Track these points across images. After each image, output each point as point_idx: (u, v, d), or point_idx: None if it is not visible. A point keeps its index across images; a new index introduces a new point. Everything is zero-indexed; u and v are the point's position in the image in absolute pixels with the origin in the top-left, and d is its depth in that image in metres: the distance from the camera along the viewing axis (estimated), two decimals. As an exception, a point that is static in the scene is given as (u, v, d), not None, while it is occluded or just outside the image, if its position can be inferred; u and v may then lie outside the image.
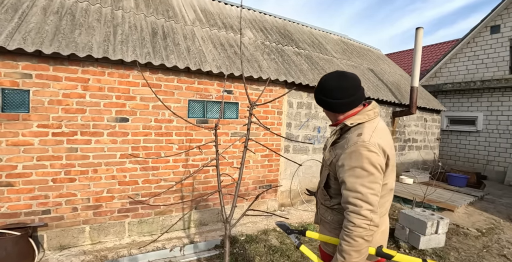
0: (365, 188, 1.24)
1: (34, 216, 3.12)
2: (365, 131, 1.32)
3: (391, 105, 6.80)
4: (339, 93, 1.39)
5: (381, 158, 1.27)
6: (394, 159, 1.38)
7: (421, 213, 3.79)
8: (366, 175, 1.25)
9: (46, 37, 3.16)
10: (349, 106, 1.42)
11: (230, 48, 4.69)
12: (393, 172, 1.41)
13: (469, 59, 9.01)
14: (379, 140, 1.30)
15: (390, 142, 1.38)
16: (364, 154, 1.26)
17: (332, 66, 6.19)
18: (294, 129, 5.04)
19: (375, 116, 1.40)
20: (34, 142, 3.11)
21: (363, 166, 1.25)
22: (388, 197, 1.45)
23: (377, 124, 1.38)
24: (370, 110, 1.41)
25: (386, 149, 1.30)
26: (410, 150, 7.61)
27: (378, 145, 1.28)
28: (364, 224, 1.22)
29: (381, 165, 1.27)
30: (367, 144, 1.27)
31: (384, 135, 1.36)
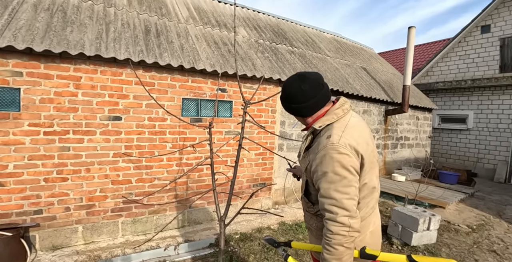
0: (339, 193, 1.18)
1: (26, 216, 3.07)
2: (334, 132, 1.25)
3: (383, 104, 6.87)
4: (301, 96, 1.31)
5: (353, 159, 1.20)
6: (371, 155, 1.29)
7: (413, 210, 3.84)
8: (339, 179, 1.18)
9: (37, 34, 3.11)
10: (315, 108, 1.34)
11: (224, 47, 4.67)
12: (373, 169, 1.33)
13: (460, 58, 9.14)
14: (350, 140, 1.22)
15: (364, 138, 1.29)
16: (335, 157, 1.18)
17: (326, 65, 6.22)
18: (287, 128, 5.05)
19: (344, 114, 1.33)
20: (25, 141, 3.06)
21: (335, 170, 1.18)
22: (372, 195, 1.37)
23: (348, 122, 1.30)
24: (338, 109, 1.33)
25: (358, 148, 1.22)
26: (402, 147, 7.70)
27: (349, 145, 1.20)
28: (343, 231, 1.15)
29: (354, 167, 1.20)
30: (337, 146, 1.19)
31: (356, 132, 1.27)
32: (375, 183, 1.37)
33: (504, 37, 8.25)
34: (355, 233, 1.17)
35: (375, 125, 6.76)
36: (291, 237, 3.81)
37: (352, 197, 1.19)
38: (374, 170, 1.35)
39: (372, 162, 1.30)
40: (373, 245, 1.40)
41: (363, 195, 1.31)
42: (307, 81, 1.30)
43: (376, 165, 1.37)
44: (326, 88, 1.35)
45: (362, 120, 1.41)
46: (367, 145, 1.28)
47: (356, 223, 1.18)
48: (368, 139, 1.33)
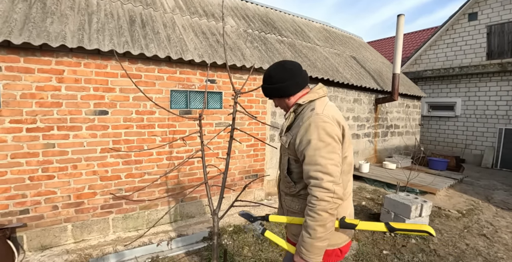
0: (324, 159, 1.22)
1: (12, 216, 2.97)
2: (317, 105, 1.35)
3: (373, 92, 6.88)
4: (285, 75, 1.42)
5: (336, 128, 1.28)
6: (349, 133, 1.38)
7: (405, 197, 3.88)
8: (324, 145, 1.23)
9: (15, 26, 2.95)
10: (298, 87, 1.44)
11: (212, 37, 4.55)
12: (350, 147, 1.41)
13: (448, 46, 9.19)
14: (332, 112, 1.32)
15: (342, 117, 1.40)
16: (320, 125, 1.25)
17: (316, 54, 6.16)
18: (279, 118, 5.00)
19: (324, 94, 1.43)
20: (7, 139, 2.93)
21: (320, 136, 1.24)
22: (349, 174, 1.44)
23: (328, 102, 1.41)
24: (319, 89, 1.44)
25: (340, 120, 1.32)
26: (392, 136, 7.77)
27: (331, 116, 1.29)
28: (327, 196, 1.18)
29: (337, 135, 1.27)
30: (321, 116, 1.28)
31: (336, 110, 1.38)
32: (352, 160, 1.43)
33: (490, 25, 8.31)
34: (338, 200, 1.20)
35: (365, 114, 6.78)
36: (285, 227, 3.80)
37: (336, 163, 1.23)
38: (351, 148, 1.43)
39: (349, 138, 1.39)
40: None
41: (344, 170, 1.35)
42: (289, 63, 1.45)
43: (352, 144, 1.45)
44: (305, 73, 1.48)
45: None
46: (345, 122, 1.37)
47: (339, 189, 1.20)
48: (344, 121, 1.41)
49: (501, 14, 8.08)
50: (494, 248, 3.41)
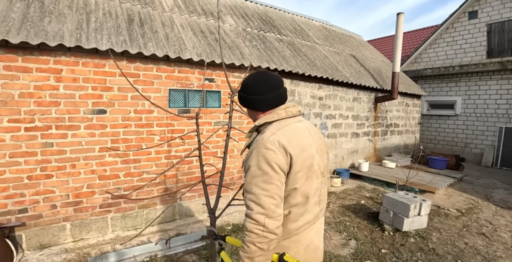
0: (258, 188, 1.13)
1: (10, 215, 2.97)
2: (270, 129, 1.24)
3: (373, 91, 6.87)
4: (262, 88, 1.30)
5: (279, 156, 1.15)
6: (306, 163, 1.23)
7: (404, 196, 3.88)
8: (261, 174, 1.14)
9: (12, 25, 2.95)
10: (266, 104, 1.32)
11: (210, 35, 4.54)
12: (310, 179, 1.25)
13: (448, 44, 9.17)
14: (281, 138, 1.18)
15: (302, 144, 1.24)
16: (261, 151, 1.15)
17: (315, 53, 6.14)
18: (278, 118, 5.00)
19: (287, 116, 1.30)
20: (6, 138, 2.94)
21: (258, 164, 1.14)
22: (307, 207, 1.26)
23: (289, 125, 1.27)
24: (282, 110, 1.31)
25: (288, 147, 1.17)
26: (392, 134, 7.76)
27: (278, 142, 1.17)
28: (256, 229, 1.10)
29: (279, 164, 1.14)
30: (265, 141, 1.17)
31: (293, 135, 1.23)
32: (310, 193, 1.26)
33: (491, 23, 8.28)
34: (270, 234, 1.11)
35: (365, 113, 6.77)
36: (284, 226, 3.80)
37: (271, 195, 1.12)
38: (312, 179, 1.28)
39: (311, 170, 1.25)
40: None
41: (294, 202, 1.22)
42: (268, 78, 1.33)
43: (318, 176, 1.31)
44: (283, 92, 1.35)
45: (311, 129, 1.37)
46: (303, 150, 1.22)
47: (272, 224, 1.11)
48: (309, 147, 1.27)
49: (501, 13, 8.05)
50: (493, 247, 3.41)
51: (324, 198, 1.40)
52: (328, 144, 6.00)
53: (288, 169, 1.18)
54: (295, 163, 1.18)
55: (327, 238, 3.56)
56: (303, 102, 5.38)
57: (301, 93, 5.32)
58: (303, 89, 5.35)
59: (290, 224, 1.23)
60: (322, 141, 1.41)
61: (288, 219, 1.22)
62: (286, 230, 1.22)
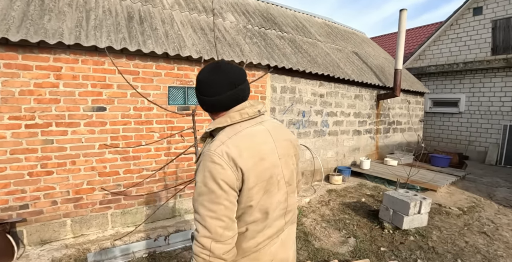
0: (203, 209, 1.00)
1: (12, 211, 3.01)
2: (220, 137, 1.07)
3: (375, 88, 6.82)
4: (209, 88, 1.12)
5: (227, 172, 0.99)
6: (265, 174, 1.08)
7: (404, 194, 3.86)
8: (206, 192, 1.00)
9: (12, 23, 2.97)
10: (219, 106, 1.14)
11: (210, 32, 4.54)
12: (269, 192, 1.11)
13: (452, 41, 9.06)
14: (232, 149, 1.02)
15: (260, 152, 1.08)
16: (206, 165, 1.01)
17: (316, 50, 6.11)
18: (278, 114, 4.99)
19: (241, 119, 1.11)
20: (6, 135, 2.97)
21: (204, 180, 1.01)
22: (267, 222, 1.12)
23: (244, 129, 1.10)
24: (236, 112, 1.12)
25: (239, 160, 1.01)
26: (394, 132, 7.71)
27: (226, 154, 1.01)
28: (202, 254, 0.99)
29: (227, 181, 0.99)
30: (212, 154, 1.02)
31: (248, 142, 1.07)
32: (270, 209, 1.12)
33: (496, 19, 8.17)
34: (217, 260, 0.99)
35: (367, 110, 6.73)
36: (284, 224, 3.81)
37: (218, 217, 0.99)
38: (278, 192, 1.15)
39: (270, 182, 1.11)
40: None
41: (251, 220, 1.08)
42: (219, 74, 1.12)
43: (282, 187, 1.17)
44: (243, 89, 1.15)
45: (275, 132, 1.19)
46: (261, 160, 1.07)
47: (220, 248, 0.98)
48: (269, 155, 1.11)
49: (507, 9, 7.93)
50: (494, 246, 3.38)
51: (292, 207, 1.27)
52: (330, 141, 5.98)
53: (240, 185, 1.03)
54: (247, 179, 1.02)
55: (326, 235, 3.56)
56: (304, 100, 5.36)
57: (301, 90, 5.31)
58: (304, 87, 5.33)
59: (247, 242, 1.10)
60: (288, 143, 1.24)
61: (245, 237, 1.10)
62: (243, 249, 1.10)
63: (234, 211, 1.03)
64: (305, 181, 5.62)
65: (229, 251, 1.01)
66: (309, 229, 3.71)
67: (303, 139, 5.44)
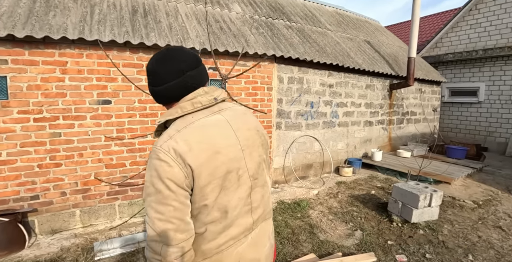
0: (152, 210, 0.91)
1: (23, 202, 3.13)
2: (168, 131, 0.99)
3: (388, 78, 6.61)
4: (154, 77, 1.04)
5: (174, 169, 0.90)
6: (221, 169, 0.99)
7: (414, 186, 3.75)
8: (154, 192, 0.91)
9: (18, 20, 3.03)
10: (168, 97, 1.06)
11: (215, 24, 4.49)
12: (227, 189, 1.01)
13: (471, 27, 8.61)
14: (180, 144, 0.93)
15: (220, 143, 1.00)
16: (153, 163, 0.92)
17: (326, 39, 5.96)
18: (285, 105, 4.93)
19: (194, 109, 1.02)
20: (16, 129, 3.06)
21: (151, 179, 0.92)
22: (228, 221, 1.03)
23: (197, 120, 1.00)
24: (187, 101, 1.02)
25: (187, 156, 0.92)
26: (408, 123, 7.48)
27: (173, 150, 0.92)
28: (154, 259, 0.92)
29: (174, 181, 0.90)
30: (158, 150, 0.93)
31: (200, 135, 0.97)
32: (230, 206, 1.03)
33: (519, 2, 7.69)
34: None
35: (379, 101, 6.55)
36: (289, 215, 3.79)
37: (167, 219, 0.90)
38: (240, 188, 1.06)
39: (228, 178, 1.01)
40: None
41: (209, 219, 1.00)
42: (167, 61, 1.03)
43: (245, 182, 1.07)
44: (195, 75, 1.05)
45: (236, 121, 1.09)
46: (216, 154, 0.98)
47: (172, 253, 0.90)
48: (227, 147, 1.02)
49: (532, -10, 7.45)
50: (509, 241, 3.24)
51: (260, 203, 1.16)
52: (340, 132, 5.87)
53: (191, 183, 0.94)
54: (198, 176, 0.93)
55: (332, 228, 3.52)
56: (312, 91, 5.26)
57: (309, 81, 5.20)
58: (312, 77, 5.22)
59: (207, 244, 1.01)
60: (253, 133, 1.14)
61: (204, 238, 1.01)
62: (202, 251, 1.01)
63: (186, 212, 0.94)
64: (314, 173, 5.56)
65: (183, 255, 0.92)
66: (315, 222, 3.68)
67: (311, 130, 5.36)
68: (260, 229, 1.18)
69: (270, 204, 1.26)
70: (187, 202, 0.94)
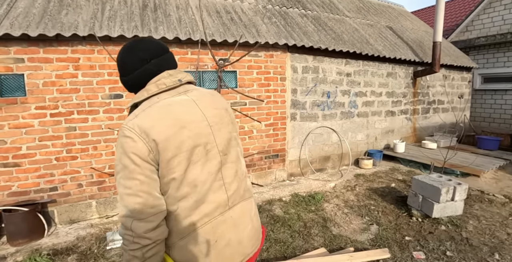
0: (121, 186, 0.94)
1: (43, 193, 3.28)
2: (135, 111, 1.04)
3: (411, 65, 6.23)
4: (122, 68, 1.11)
5: (138, 144, 0.93)
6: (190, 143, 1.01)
7: (436, 179, 3.52)
8: (121, 168, 0.94)
9: (32, 20, 3.16)
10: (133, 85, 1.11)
11: (226, 15, 4.43)
12: (196, 163, 1.03)
13: (506, 7, 7.88)
14: (144, 121, 0.97)
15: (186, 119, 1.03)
16: (120, 141, 0.97)
17: (343, 26, 5.71)
18: (300, 96, 4.79)
19: (159, 90, 1.05)
20: (34, 124, 3.20)
21: (119, 156, 0.96)
22: (199, 196, 1.03)
23: (162, 100, 1.04)
24: (152, 83, 1.06)
25: (152, 131, 0.95)
26: (435, 112, 7.06)
27: (138, 127, 0.95)
28: (126, 235, 0.93)
29: (138, 154, 0.93)
30: (123, 128, 0.97)
31: (166, 113, 1.00)
32: (199, 179, 1.03)
33: None
34: (141, 239, 0.92)
35: (402, 89, 6.21)
36: (303, 208, 3.71)
37: (135, 193, 0.92)
38: (209, 163, 1.07)
39: (195, 152, 1.03)
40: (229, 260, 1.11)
41: (179, 195, 1.00)
42: (132, 50, 1.08)
43: (214, 156, 1.08)
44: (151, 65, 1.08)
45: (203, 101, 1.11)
46: (181, 129, 1.01)
47: (141, 227, 0.91)
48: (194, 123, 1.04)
49: None
50: (543, 239, 2.98)
51: (235, 179, 1.16)
52: (359, 123, 5.65)
53: (157, 158, 0.97)
54: (164, 149, 0.96)
55: (346, 222, 3.40)
56: (328, 80, 5.08)
57: (325, 70, 5.02)
58: (327, 66, 5.03)
59: (181, 222, 1.02)
60: (222, 112, 1.17)
61: (177, 216, 1.01)
62: (178, 230, 1.02)
63: (153, 186, 0.97)
64: (332, 165, 5.41)
65: (153, 230, 0.94)
66: (329, 215, 3.57)
67: (328, 121, 5.19)
68: (240, 209, 1.17)
69: (247, 181, 1.26)
70: (154, 176, 0.97)
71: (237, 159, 1.20)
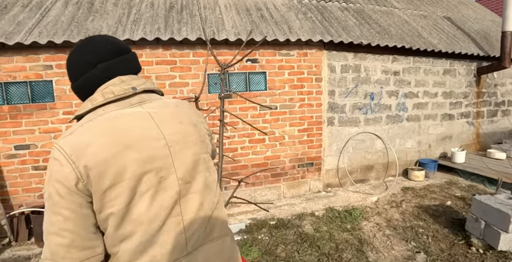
0: (45, 221, 0.75)
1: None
2: (73, 126, 0.82)
3: (475, 60, 5.33)
4: (68, 73, 0.91)
5: (65, 170, 0.72)
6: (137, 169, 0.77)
7: (504, 201, 2.84)
8: (46, 197, 0.75)
9: (60, 27, 3.23)
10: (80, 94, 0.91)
11: (256, 12, 4.15)
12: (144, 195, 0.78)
13: None
14: (76, 140, 0.76)
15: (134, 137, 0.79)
16: (48, 163, 0.77)
17: (391, 19, 5.09)
18: (339, 98, 4.31)
19: (105, 100, 0.83)
20: (62, 128, 3.25)
21: (46, 181, 0.77)
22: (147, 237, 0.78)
23: (108, 113, 0.82)
24: (99, 92, 0.85)
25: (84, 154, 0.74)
26: (504, 115, 5.99)
27: (69, 146, 0.74)
28: None
29: (63, 182, 0.72)
30: (53, 148, 0.77)
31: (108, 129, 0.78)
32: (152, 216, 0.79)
33: None
34: None
35: (462, 89, 5.34)
36: (336, 226, 3.27)
37: (57, 231, 0.72)
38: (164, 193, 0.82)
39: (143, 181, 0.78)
40: None
41: (121, 234, 0.77)
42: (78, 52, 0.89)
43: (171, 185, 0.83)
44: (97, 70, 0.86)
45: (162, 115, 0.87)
46: (127, 148, 0.77)
47: None
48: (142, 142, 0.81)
49: None
50: None
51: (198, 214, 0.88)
52: (408, 128, 4.96)
53: (89, 187, 0.75)
54: (99, 176, 0.74)
55: (387, 246, 2.90)
56: (372, 80, 4.52)
57: (368, 68, 4.47)
58: (371, 64, 4.48)
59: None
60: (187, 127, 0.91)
61: (118, 260, 0.79)
62: None
63: (84, 223, 0.75)
64: (376, 176, 4.82)
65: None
66: (366, 236, 3.09)
67: (371, 126, 4.63)
68: (205, 253, 0.90)
69: (219, 214, 0.97)
70: (84, 211, 0.75)
71: (204, 187, 0.92)
